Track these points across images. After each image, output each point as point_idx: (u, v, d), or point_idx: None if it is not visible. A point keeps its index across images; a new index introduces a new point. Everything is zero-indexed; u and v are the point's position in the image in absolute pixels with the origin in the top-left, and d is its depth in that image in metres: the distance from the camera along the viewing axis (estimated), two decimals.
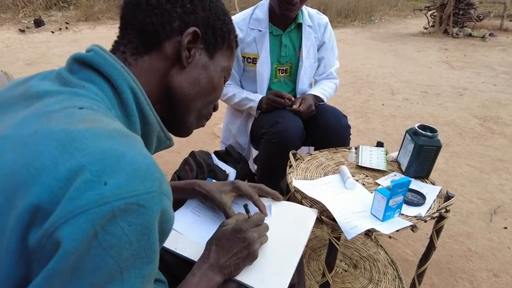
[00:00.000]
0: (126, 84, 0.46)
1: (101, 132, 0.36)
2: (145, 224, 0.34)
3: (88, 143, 0.34)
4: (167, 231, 0.40)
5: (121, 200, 0.32)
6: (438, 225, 1.03)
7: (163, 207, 0.37)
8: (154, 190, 0.35)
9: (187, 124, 0.58)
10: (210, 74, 0.56)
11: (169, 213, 0.39)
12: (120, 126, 0.40)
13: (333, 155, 1.28)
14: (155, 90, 0.52)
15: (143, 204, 0.34)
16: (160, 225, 0.37)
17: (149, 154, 0.38)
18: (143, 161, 0.36)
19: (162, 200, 0.37)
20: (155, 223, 0.36)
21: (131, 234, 0.33)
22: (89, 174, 0.32)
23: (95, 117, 0.39)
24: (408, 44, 6.31)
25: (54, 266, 0.30)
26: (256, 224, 0.68)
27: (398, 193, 0.91)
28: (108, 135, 0.36)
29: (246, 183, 0.85)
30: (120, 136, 0.37)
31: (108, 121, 0.40)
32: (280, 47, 1.44)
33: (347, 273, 1.30)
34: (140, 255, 0.35)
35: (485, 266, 1.44)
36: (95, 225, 0.31)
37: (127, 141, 0.37)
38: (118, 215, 0.32)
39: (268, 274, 0.67)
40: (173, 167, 1.66)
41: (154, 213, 0.35)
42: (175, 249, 0.75)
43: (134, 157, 0.35)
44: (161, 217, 0.37)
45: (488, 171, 2.17)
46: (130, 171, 0.34)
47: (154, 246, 0.37)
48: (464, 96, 3.58)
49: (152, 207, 0.35)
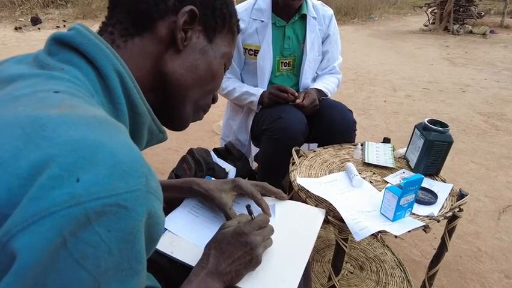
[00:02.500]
0: (112, 68, 0.40)
1: (76, 119, 0.30)
2: (128, 230, 0.28)
3: (60, 131, 0.28)
4: (156, 237, 0.34)
5: (97, 201, 0.26)
6: (451, 225, 0.97)
7: (150, 208, 0.31)
8: (139, 188, 0.29)
9: (183, 116, 0.52)
10: (209, 59, 0.50)
11: (158, 216, 0.33)
12: (102, 113, 0.34)
13: (337, 152, 1.22)
14: (147, 77, 0.46)
15: (126, 206, 0.28)
16: (147, 230, 0.31)
17: (135, 146, 0.32)
18: (126, 153, 0.30)
19: (149, 200, 0.31)
20: (140, 228, 0.30)
21: (111, 242, 0.27)
22: (58, 169, 0.26)
23: (72, 103, 0.33)
24: (409, 41, 6.26)
25: (8, 284, 0.24)
26: (259, 226, 0.62)
27: (410, 191, 0.85)
28: (85, 123, 0.30)
29: (248, 182, 0.79)
30: (100, 124, 0.31)
31: (88, 107, 0.33)
32: (283, 39, 1.37)
33: (353, 275, 1.25)
34: (123, 267, 0.29)
35: (496, 267, 1.38)
36: (63, 232, 0.25)
37: (108, 130, 0.31)
38: (94, 218, 0.26)
39: (273, 281, 0.61)
40: (171, 166, 1.60)
41: (139, 216, 0.29)
42: (171, 253, 0.69)
43: (116, 149, 0.29)
44: (148, 220, 0.31)
45: (494, 169, 2.11)
46: (109, 165, 0.28)
47: (139, 256, 0.31)
48: (467, 92, 3.52)
49: (137, 209, 0.29)
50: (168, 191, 0.78)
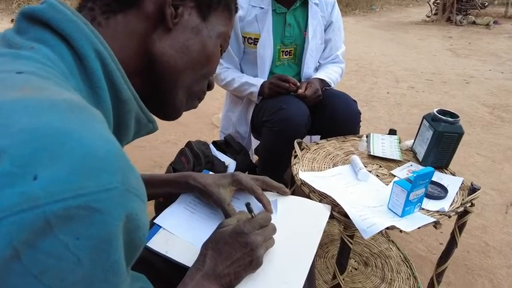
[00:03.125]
0: (91, 47, 0.35)
1: (39, 103, 0.25)
2: (102, 236, 0.23)
3: (15, 117, 0.23)
4: (138, 244, 0.29)
5: (60, 202, 0.21)
6: (461, 221, 0.93)
7: (128, 210, 0.26)
8: (115, 187, 0.24)
9: (175, 103, 0.47)
10: (203, 39, 0.44)
11: (140, 219, 0.28)
12: (74, 97, 0.28)
13: (341, 144, 1.17)
14: (133, 59, 0.41)
15: (98, 208, 0.23)
16: (126, 236, 0.26)
17: (112, 137, 0.26)
18: (100, 144, 0.24)
19: (128, 200, 0.25)
20: (117, 234, 0.25)
21: (80, 252, 0.22)
22: (9, 163, 0.21)
23: (38, 85, 0.27)
24: (411, 32, 6.16)
25: None
26: (260, 225, 0.57)
27: (420, 185, 0.80)
28: (50, 108, 0.24)
29: (248, 176, 0.74)
30: (70, 109, 0.25)
31: (57, 90, 0.28)
32: (284, 27, 1.31)
33: (358, 271, 1.21)
34: (97, 279, 0.24)
35: (505, 263, 1.34)
36: (14, 242, 0.20)
37: (80, 116, 0.25)
38: (56, 224, 0.21)
39: (276, 283, 0.56)
40: (169, 159, 1.55)
41: (116, 220, 0.24)
42: (165, 252, 0.64)
43: (87, 138, 0.24)
44: (127, 225, 0.26)
45: (500, 161, 2.06)
46: (76, 158, 0.23)
47: (116, 267, 0.26)
48: (471, 84, 3.46)
49: (112, 212, 0.24)
50: (163, 186, 0.73)
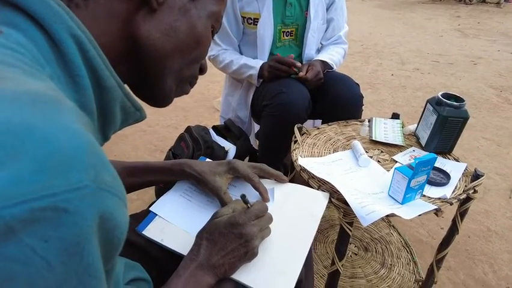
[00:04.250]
0: (67, 32, 0.32)
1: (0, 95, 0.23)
2: (72, 239, 0.22)
3: None
4: (117, 243, 0.28)
5: (22, 205, 0.19)
6: (464, 208, 0.91)
7: (102, 209, 0.24)
8: (86, 185, 0.22)
9: (164, 90, 0.45)
10: (191, 20, 0.41)
11: (116, 218, 0.26)
12: (41, 87, 0.26)
13: (343, 129, 1.15)
14: (116, 44, 0.38)
15: (66, 208, 0.21)
16: (103, 235, 0.25)
17: (83, 130, 0.24)
18: (67, 139, 0.22)
19: (101, 198, 0.24)
20: (89, 235, 0.23)
21: (50, 255, 0.21)
22: None
23: (4, 75, 0.25)
24: (418, 12, 5.98)
25: None
26: (256, 215, 0.56)
27: (422, 172, 0.78)
28: (11, 100, 0.22)
29: (245, 163, 0.72)
30: (35, 101, 0.23)
31: (23, 80, 0.26)
32: (285, 6, 1.26)
33: (357, 256, 1.21)
34: (70, 284, 0.23)
35: (506, 248, 1.33)
36: None
37: (45, 108, 0.23)
38: (20, 228, 0.20)
39: (272, 272, 0.55)
40: (170, 143, 1.54)
41: (87, 221, 0.23)
42: (161, 240, 0.64)
43: (52, 133, 0.22)
44: (102, 225, 0.24)
45: (506, 145, 2.03)
46: (40, 155, 0.21)
47: (91, 269, 0.24)
48: (479, 65, 3.37)
49: (83, 212, 0.22)
50: (158, 173, 0.72)
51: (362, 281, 1.11)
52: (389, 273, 1.14)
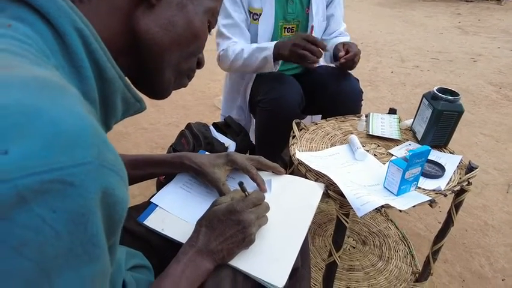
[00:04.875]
0: (71, 25, 0.34)
1: (10, 80, 0.25)
2: (78, 210, 0.24)
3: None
4: (118, 218, 0.30)
5: (33, 176, 0.22)
6: (458, 200, 0.93)
7: (104, 185, 0.26)
8: (89, 161, 0.25)
9: (162, 82, 0.47)
10: (188, 15, 0.43)
11: (118, 195, 0.28)
12: (48, 74, 0.28)
13: (340, 124, 1.17)
14: (117, 37, 0.40)
15: (72, 182, 0.23)
16: (105, 210, 0.27)
17: (86, 113, 0.26)
18: (73, 121, 0.25)
19: (103, 175, 0.26)
20: (93, 207, 0.25)
21: (57, 224, 0.23)
22: None
23: (10, 63, 0.27)
24: (418, 9, 5.98)
25: None
26: (254, 203, 0.58)
27: (416, 164, 0.80)
28: (21, 85, 0.25)
29: (243, 156, 0.74)
30: (42, 86, 0.26)
31: (30, 68, 0.28)
32: (286, 2, 1.28)
33: (355, 249, 1.23)
34: (76, 252, 0.25)
35: (503, 241, 1.35)
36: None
37: (52, 92, 0.26)
38: (31, 197, 0.22)
39: (268, 259, 0.57)
40: (171, 141, 1.56)
41: (91, 194, 0.25)
42: (161, 230, 0.66)
43: (59, 116, 0.24)
44: (104, 199, 0.26)
45: (504, 141, 2.04)
46: (49, 134, 0.23)
47: (95, 239, 0.26)
48: (479, 62, 3.38)
49: (87, 186, 0.24)
50: (159, 166, 0.74)
51: (359, 274, 1.13)
52: (386, 266, 1.16)
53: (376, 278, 1.11)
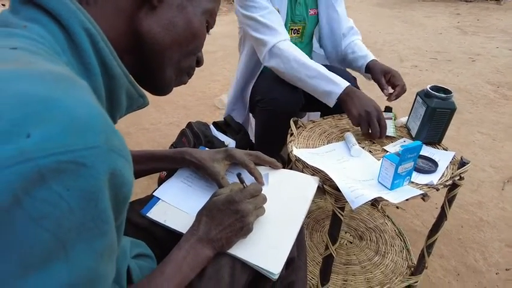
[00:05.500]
0: (80, 26, 0.37)
1: (30, 74, 0.28)
2: (89, 188, 0.27)
3: (9, 86, 0.26)
4: (124, 198, 0.33)
5: (51, 157, 0.25)
6: (451, 194, 0.95)
7: (112, 167, 0.29)
8: (98, 145, 0.28)
9: (164, 79, 0.50)
10: (188, 16, 0.47)
11: (124, 176, 0.31)
12: (61, 69, 0.32)
13: (337, 122, 1.20)
14: (122, 37, 0.44)
15: (84, 163, 0.27)
16: (113, 190, 0.30)
17: (95, 103, 0.30)
18: (84, 110, 0.28)
19: (111, 158, 0.29)
20: (102, 187, 0.29)
21: (71, 200, 0.26)
22: (5, 123, 0.24)
23: (29, 59, 0.31)
24: (417, 9, 6.01)
25: None
26: (252, 194, 0.61)
27: (408, 159, 0.83)
28: (40, 78, 0.28)
29: (242, 151, 0.77)
30: (57, 79, 0.29)
31: (45, 64, 0.31)
32: (295, 4, 1.31)
33: (352, 245, 1.25)
34: (87, 226, 0.28)
35: (497, 236, 1.37)
36: (15, 190, 0.24)
37: (65, 85, 0.29)
38: (50, 176, 0.25)
39: (265, 247, 0.61)
40: (172, 140, 1.60)
41: (100, 175, 0.28)
42: (164, 221, 0.69)
43: (72, 105, 0.27)
44: (112, 180, 0.30)
45: (501, 139, 2.07)
46: (65, 121, 0.26)
47: (104, 215, 0.30)
48: (477, 62, 3.40)
49: (97, 167, 0.28)
50: (161, 161, 0.77)
51: (356, 267, 1.16)
52: (382, 260, 1.19)
53: (372, 272, 1.14)
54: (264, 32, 1.18)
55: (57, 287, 0.27)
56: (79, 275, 0.28)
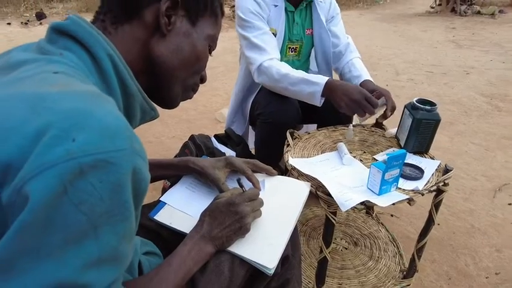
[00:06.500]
0: (104, 52, 0.46)
1: (71, 93, 0.36)
2: (116, 182, 0.35)
3: (57, 103, 0.34)
4: (142, 191, 0.40)
5: (89, 156, 0.33)
6: (437, 199, 1.02)
7: (134, 165, 0.37)
8: (125, 148, 0.36)
9: (172, 95, 0.58)
10: (193, 41, 0.55)
11: (143, 173, 0.39)
12: (93, 89, 0.40)
13: (331, 133, 1.27)
14: (137, 60, 0.52)
15: (114, 162, 0.34)
16: (133, 184, 0.38)
17: (121, 115, 0.38)
18: (112, 120, 0.36)
19: (134, 158, 0.37)
20: (127, 181, 0.36)
21: (102, 191, 0.34)
22: (57, 131, 0.32)
23: (68, 82, 0.39)
24: (414, 24, 6.17)
25: (23, 218, 0.31)
26: (250, 198, 0.68)
27: (394, 166, 0.90)
28: (78, 96, 0.36)
29: (240, 159, 0.85)
30: (91, 96, 0.37)
31: (81, 85, 0.40)
32: (292, 24, 1.40)
33: (347, 250, 1.31)
34: (113, 213, 0.36)
35: (488, 242, 1.43)
36: (64, 181, 0.31)
37: (97, 100, 0.37)
38: (87, 171, 0.33)
39: (261, 245, 0.67)
40: (175, 153, 1.67)
41: (125, 171, 0.36)
42: (170, 224, 0.76)
43: (104, 116, 0.35)
44: (134, 176, 0.37)
45: (493, 149, 2.13)
46: (99, 129, 0.34)
47: (127, 204, 0.37)
48: (471, 74, 3.50)
49: (123, 165, 0.35)
50: (166, 168, 0.85)
51: (350, 272, 1.21)
52: (376, 265, 1.24)
53: (366, 276, 1.19)
54: (255, 51, 1.28)
55: (89, 259, 0.34)
56: (105, 251, 0.36)
